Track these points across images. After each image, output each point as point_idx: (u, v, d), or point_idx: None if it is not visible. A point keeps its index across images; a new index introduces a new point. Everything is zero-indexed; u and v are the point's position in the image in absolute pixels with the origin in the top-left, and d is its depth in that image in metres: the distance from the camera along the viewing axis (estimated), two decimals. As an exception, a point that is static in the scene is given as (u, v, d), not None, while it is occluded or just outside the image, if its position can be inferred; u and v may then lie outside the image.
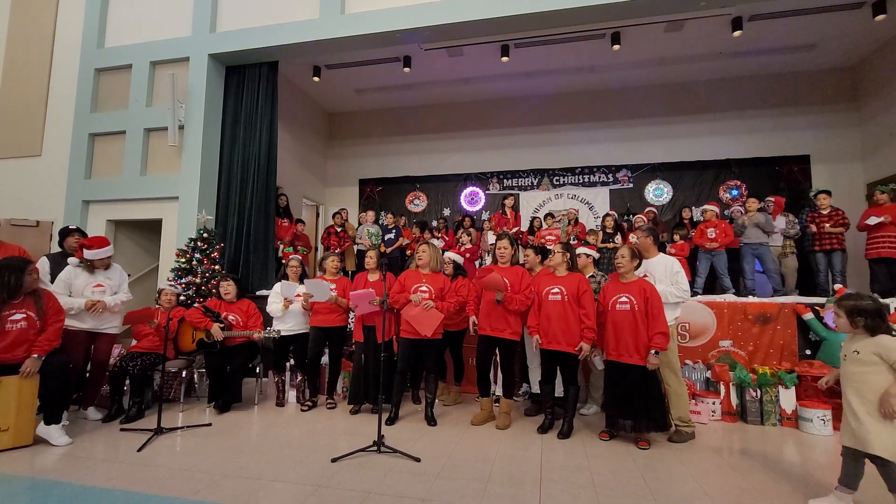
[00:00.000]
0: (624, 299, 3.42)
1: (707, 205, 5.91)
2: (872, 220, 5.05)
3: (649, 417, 3.28)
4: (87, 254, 3.87)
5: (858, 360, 2.36)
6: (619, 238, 6.44)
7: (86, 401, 4.00)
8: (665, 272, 3.59)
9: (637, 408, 3.30)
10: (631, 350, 3.34)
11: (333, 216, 7.67)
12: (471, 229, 7.34)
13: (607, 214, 6.91)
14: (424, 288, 3.84)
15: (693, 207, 7.38)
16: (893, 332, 2.31)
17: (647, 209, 7.55)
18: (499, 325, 3.71)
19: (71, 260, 3.98)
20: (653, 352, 3.27)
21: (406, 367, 3.92)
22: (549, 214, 7.43)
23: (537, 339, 3.59)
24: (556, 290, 3.58)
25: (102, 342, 3.98)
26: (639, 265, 3.62)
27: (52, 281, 3.87)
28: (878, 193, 5.25)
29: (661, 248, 5.05)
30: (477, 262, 6.98)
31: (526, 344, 4.07)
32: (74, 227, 4.34)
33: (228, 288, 4.47)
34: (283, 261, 6.74)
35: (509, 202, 7.28)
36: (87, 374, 4.02)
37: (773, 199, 6.00)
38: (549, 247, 4.77)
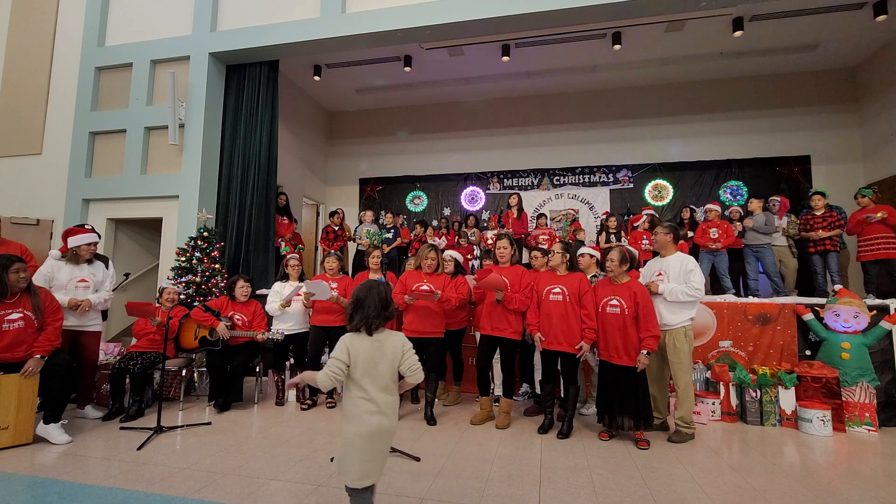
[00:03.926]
0: (614, 302, 3.44)
1: (710, 204, 5.90)
2: (872, 218, 4.96)
3: (637, 416, 3.33)
4: (72, 241, 3.79)
5: None
6: (619, 237, 6.45)
7: (81, 400, 3.96)
8: (679, 270, 3.55)
9: (624, 406, 3.34)
10: (620, 352, 3.37)
11: (331, 216, 7.69)
12: (475, 229, 7.34)
13: (611, 215, 6.91)
14: (425, 287, 3.84)
15: (693, 207, 7.36)
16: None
17: (646, 212, 7.41)
18: (500, 325, 3.72)
19: (52, 253, 3.86)
20: (644, 352, 3.29)
21: None
22: (542, 214, 7.44)
23: (539, 337, 3.59)
24: (557, 289, 3.58)
25: (88, 340, 3.93)
26: (630, 268, 3.61)
27: None
28: (860, 197, 5.21)
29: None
30: (475, 262, 6.98)
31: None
32: (89, 226, 4.16)
33: (247, 290, 4.48)
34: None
35: (514, 200, 7.27)
36: (81, 373, 3.93)
37: (778, 198, 5.97)
38: (542, 246, 4.77)
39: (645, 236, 6.22)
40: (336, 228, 7.39)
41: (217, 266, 5.39)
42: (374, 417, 1.86)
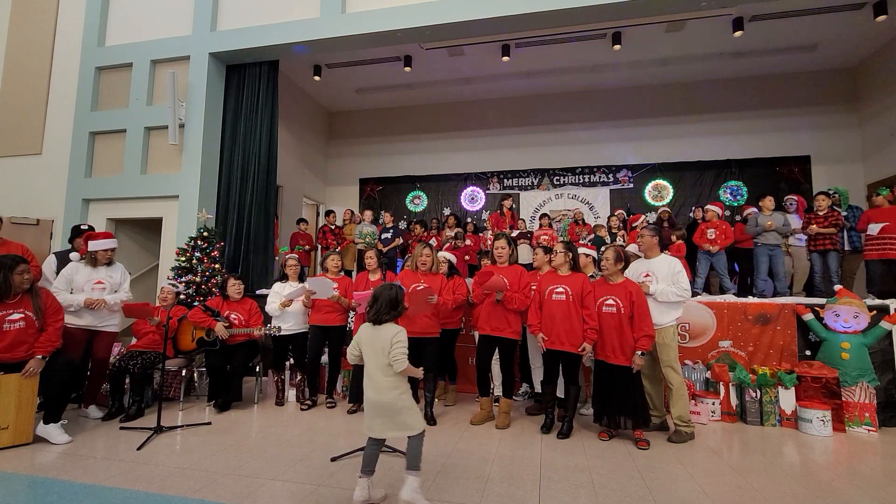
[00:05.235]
0: (610, 301, 3.45)
1: (710, 205, 5.89)
2: (874, 229, 5.00)
3: (635, 415, 3.34)
4: (92, 245, 3.89)
5: None
6: (621, 236, 6.45)
7: (86, 399, 3.99)
8: (668, 272, 3.60)
9: (622, 406, 3.35)
10: (617, 352, 3.39)
11: (326, 214, 7.70)
12: (458, 230, 7.30)
13: (611, 215, 6.91)
14: (422, 287, 3.83)
15: (703, 206, 7.30)
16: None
17: (662, 209, 7.39)
18: (499, 325, 3.71)
19: (73, 255, 3.98)
20: (638, 353, 3.31)
21: None
22: (545, 215, 7.44)
23: (542, 337, 3.58)
24: (560, 289, 3.57)
25: (102, 340, 3.96)
26: (625, 267, 3.61)
27: None
28: (875, 196, 5.21)
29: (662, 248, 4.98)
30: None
31: (529, 344, 4.07)
32: (87, 226, 4.25)
33: (239, 287, 4.49)
34: (276, 258, 6.76)
35: (507, 203, 7.29)
36: (88, 373, 4.01)
37: (795, 198, 5.90)
38: (543, 244, 4.78)
39: None
40: (332, 227, 7.39)
41: (217, 266, 5.39)
42: (367, 391, 2.35)
